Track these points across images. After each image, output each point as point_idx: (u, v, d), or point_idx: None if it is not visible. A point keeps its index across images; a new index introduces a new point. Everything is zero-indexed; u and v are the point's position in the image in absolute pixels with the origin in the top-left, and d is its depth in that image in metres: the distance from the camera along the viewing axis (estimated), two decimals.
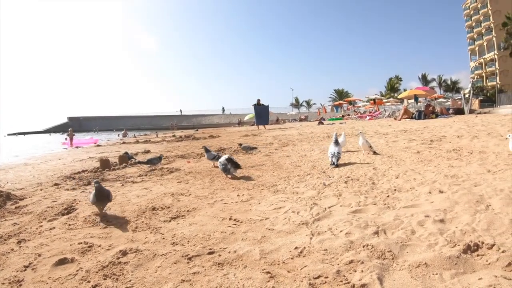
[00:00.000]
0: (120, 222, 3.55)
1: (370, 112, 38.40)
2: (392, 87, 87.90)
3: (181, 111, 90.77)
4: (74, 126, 34.91)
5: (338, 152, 5.94)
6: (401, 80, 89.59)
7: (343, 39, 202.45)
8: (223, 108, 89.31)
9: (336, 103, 62.75)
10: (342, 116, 40.48)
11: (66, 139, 26.31)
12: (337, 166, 5.77)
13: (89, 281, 2.28)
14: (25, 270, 2.56)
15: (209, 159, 7.15)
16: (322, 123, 25.40)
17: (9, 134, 72.46)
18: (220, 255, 2.56)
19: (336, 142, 6.11)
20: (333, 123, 24.59)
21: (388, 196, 3.76)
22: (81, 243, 2.99)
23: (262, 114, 24.95)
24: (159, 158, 7.35)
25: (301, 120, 48.68)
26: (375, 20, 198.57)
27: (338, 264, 2.25)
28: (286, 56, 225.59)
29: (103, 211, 3.90)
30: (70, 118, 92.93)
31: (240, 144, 8.87)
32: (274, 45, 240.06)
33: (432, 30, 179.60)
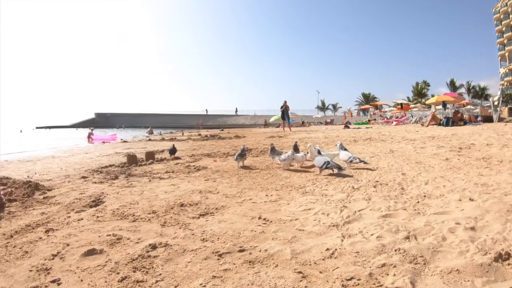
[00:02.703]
0: (149, 217, 3.55)
1: (396, 118, 37.88)
2: (419, 92, 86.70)
3: (206, 110, 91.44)
4: (101, 122, 35.69)
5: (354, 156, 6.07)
6: (428, 86, 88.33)
7: (371, 43, 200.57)
8: (236, 109, 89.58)
9: (363, 107, 62.12)
10: (368, 120, 40.06)
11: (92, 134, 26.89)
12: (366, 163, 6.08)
13: (118, 273, 2.27)
14: (53, 258, 2.58)
15: (273, 154, 7.18)
16: (348, 127, 25.10)
17: (37, 128, 74.54)
18: (251, 253, 2.53)
19: (342, 147, 6.56)
20: (359, 128, 24.26)
21: (418, 202, 3.68)
22: (110, 235, 3.00)
23: (285, 114, 24.98)
24: (243, 151, 7.13)
25: (326, 123, 48.25)
26: (403, 24, 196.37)
27: (370, 267, 2.22)
28: (313, 59, 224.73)
29: None
30: (97, 114, 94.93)
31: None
32: (301, 47, 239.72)
33: (461, 35, 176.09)
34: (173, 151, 8.96)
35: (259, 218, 3.40)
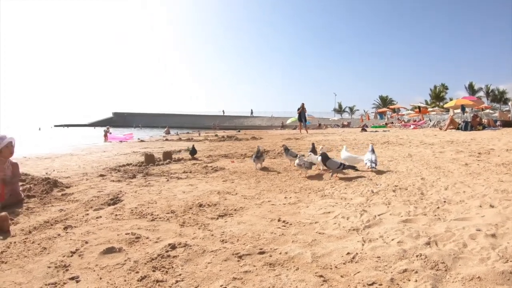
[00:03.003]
0: (167, 216, 3.55)
1: (414, 121, 37.39)
2: (437, 96, 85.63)
3: (223, 111, 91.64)
4: (118, 121, 36.03)
5: (375, 159, 6.04)
6: (447, 89, 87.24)
7: (389, 46, 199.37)
8: (251, 110, 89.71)
9: (380, 110, 61.62)
10: (386, 124, 39.68)
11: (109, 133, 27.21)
12: (376, 168, 5.97)
13: (137, 272, 2.26)
14: (71, 255, 2.59)
15: (290, 156, 7.03)
16: (365, 130, 24.85)
17: (56, 126, 75.75)
18: (271, 256, 2.50)
19: (372, 151, 6.25)
20: (376, 131, 23.93)
21: (438, 208, 3.61)
22: (129, 233, 3.00)
23: (302, 117, 24.97)
24: (258, 152, 6.93)
25: (343, 126, 48.09)
26: (421, 27, 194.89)
27: (391, 272, 2.19)
28: (330, 61, 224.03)
29: None
30: (115, 114, 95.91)
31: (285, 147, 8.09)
32: (318, 48, 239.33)
33: (480, 38, 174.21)
34: (193, 151, 8.93)
35: (279, 220, 3.37)
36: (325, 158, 5.61)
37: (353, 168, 5.55)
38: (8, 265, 2.45)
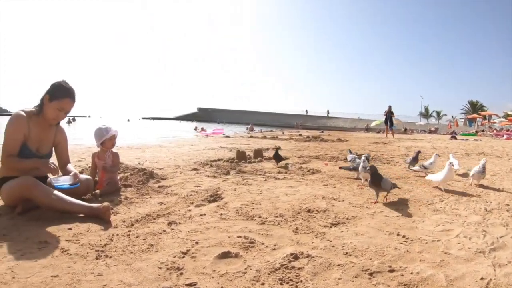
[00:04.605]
0: (277, 220, 3.37)
1: (507, 130, 34.73)
2: None
3: (306, 111, 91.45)
4: (203, 116, 37.15)
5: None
6: None
7: (479, 47, 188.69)
8: (327, 111, 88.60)
9: (470, 116, 58.65)
10: (476, 131, 37.35)
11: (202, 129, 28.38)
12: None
13: (263, 283, 2.07)
14: (183, 257, 2.45)
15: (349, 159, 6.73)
16: (455, 138, 23.49)
17: (143, 118, 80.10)
18: (402, 275, 2.26)
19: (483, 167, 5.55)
20: (467, 139, 22.46)
21: None
22: (241, 237, 2.84)
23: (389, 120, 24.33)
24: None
25: (430, 132, 46.17)
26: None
27: None
28: (416, 61, 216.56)
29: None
30: (199, 109, 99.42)
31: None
32: (403, 49, 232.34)
33: None
34: (277, 157, 7.35)
35: (398, 234, 3.07)
36: (378, 176, 4.44)
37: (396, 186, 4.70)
38: (113, 261, 2.36)
